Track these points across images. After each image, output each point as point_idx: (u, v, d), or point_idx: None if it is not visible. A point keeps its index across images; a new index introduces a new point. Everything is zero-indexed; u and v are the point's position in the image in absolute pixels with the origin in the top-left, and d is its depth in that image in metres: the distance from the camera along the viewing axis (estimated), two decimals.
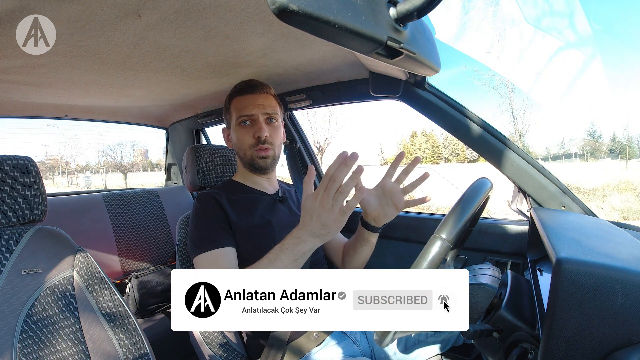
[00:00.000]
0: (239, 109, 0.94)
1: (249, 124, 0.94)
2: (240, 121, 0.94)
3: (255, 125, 0.93)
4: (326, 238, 0.68)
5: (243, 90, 0.96)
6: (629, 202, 7.97)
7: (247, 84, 0.97)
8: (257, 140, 0.93)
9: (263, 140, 0.92)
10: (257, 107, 0.93)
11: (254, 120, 0.94)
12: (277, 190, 1.03)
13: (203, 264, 0.82)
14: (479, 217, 0.83)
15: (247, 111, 0.93)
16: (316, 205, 0.64)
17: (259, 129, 0.92)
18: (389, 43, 0.38)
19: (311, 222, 0.66)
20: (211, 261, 0.82)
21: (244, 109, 0.93)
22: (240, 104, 0.95)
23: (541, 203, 0.97)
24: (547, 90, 14.03)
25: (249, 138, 0.93)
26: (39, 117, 1.64)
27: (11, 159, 0.76)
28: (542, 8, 9.02)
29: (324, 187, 0.64)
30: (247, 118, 0.93)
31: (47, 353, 0.68)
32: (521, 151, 0.97)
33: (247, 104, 0.94)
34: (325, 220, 0.64)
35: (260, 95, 0.95)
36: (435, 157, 26.35)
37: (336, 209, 0.64)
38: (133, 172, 21.95)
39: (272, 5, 0.29)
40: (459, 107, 1.00)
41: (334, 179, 0.63)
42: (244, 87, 0.96)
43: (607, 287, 0.43)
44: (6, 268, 0.71)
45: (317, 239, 0.68)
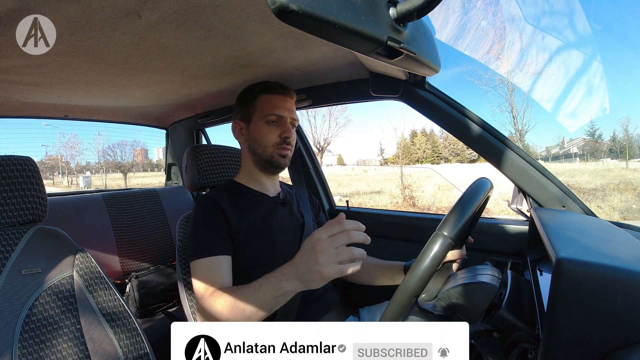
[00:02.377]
0: (268, 106, 0.95)
1: (276, 124, 0.95)
2: (268, 119, 0.95)
3: (283, 126, 0.95)
4: (308, 285, 0.62)
5: (274, 89, 0.97)
6: (629, 202, 7.97)
7: (278, 84, 0.99)
8: (282, 140, 0.95)
9: (289, 141, 0.95)
10: (287, 111, 0.96)
11: (282, 122, 0.96)
12: (278, 192, 1.04)
13: (198, 270, 0.84)
14: (479, 217, 0.83)
15: (278, 111, 0.95)
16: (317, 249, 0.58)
17: (287, 130, 0.95)
18: (389, 43, 0.38)
19: (300, 261, 0.62)
20: (206, 268, 0.83)
21: (275, 108, 0.95)
22: (271, 102, 0.96)
23: (541, 203, 0.96)
24: (547, 90, 14.04)
25: (275, 137, 0.94)
26: (39, 117, 1.64)
27: (11, 159, 0.76)
28: (542, 8, 9.02)
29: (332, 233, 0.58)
30: (277, 118, 0.95)
31: (47, 353, 0.68)
32: (521, 151, 0.97)
33: (278, 104, 0.96)
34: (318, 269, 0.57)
35: (289, 100, 0.98)
36: (435, 157, 26.35)
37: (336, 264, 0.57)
38: (133, 172, 21.95)
39: (272, 5, 0.29)
40: (459, 107, 1.00)
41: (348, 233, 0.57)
42: (275, 86, 0.98)
43: (607, 287, 0.43)
44: (6, 268, 0.71)
45: (299, 282, 0.63)
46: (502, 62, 12.07)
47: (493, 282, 0.68)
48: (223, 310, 0.73)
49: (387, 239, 1.35)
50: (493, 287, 0.67)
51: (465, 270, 0.76)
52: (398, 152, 15.33)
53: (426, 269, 0.59)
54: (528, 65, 12.46)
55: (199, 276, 0.83)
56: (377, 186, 12.61)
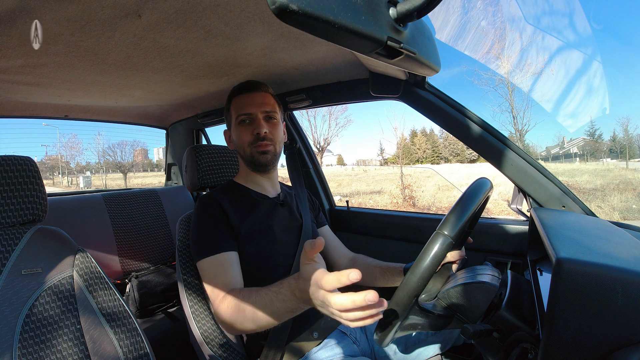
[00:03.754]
0: (238, 108, 0.96)
1: (248, 123, 0.95)
2: (239, 120, 0.95)
3: (254, 123, 0.94)
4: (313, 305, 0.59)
5: (241, 90, 0.97)
6: (629, 202, 7.97)
7: (246, 84, 0.98)
8: (255, 137, 0.93)
9: (262, 137, 0.93)
10: (256, 106, 0.95)
11: (253, 119, 0.95)
12: (278, 193, 1.04)
13: (207, 269, 0.83)
14: (479, 217, 0.83)
15: (246, 110, 0.94)
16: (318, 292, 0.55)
17: (257, 125, 0.94)
18: (389, 43, 0.38)
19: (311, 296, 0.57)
20: (215, 266, 0.82)
21: (243, 108, 0.95)
22: (239, 104, 0.96)
23: (541, 203, 0.96)
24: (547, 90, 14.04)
25: (248, 135, 0.94)
26: (39, 117, 1.64)
27: (11, 159, 0.76)
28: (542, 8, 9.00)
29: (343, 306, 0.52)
30: (246, 117, 0.94)
31: (47, 353, 0.68)
32: (521, 151, 0.97)
33: (245, 102, 0.95)
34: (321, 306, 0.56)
35: (258, 94, 0.96)
36: (435, 157, 26.36)
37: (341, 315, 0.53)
38: (133, 172, 21.94)
39: (272, 5, 0.29)
40: (459, 107, 1.00)
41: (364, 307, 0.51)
42: (242, 87, 0.98)
43: (607, 287, 0.43)
44: (6, 268, 0.71)
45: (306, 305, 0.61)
46: (502, 62, 12.06)
47: (493, 282, 0.68)
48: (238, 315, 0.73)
49: (387, 239, 1.35)
50: (493, 287, 0.67)
51: (465, 270, 0.76)
52: (398, 152, 15.33)
53: (427, 268, 0.59)
54: (528, 65, 12.47)
55: (209, 275, 0.82)
56: (377, 186, 12.61)
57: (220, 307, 0.77)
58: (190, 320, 0.90)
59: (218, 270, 0.82)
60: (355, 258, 1.11)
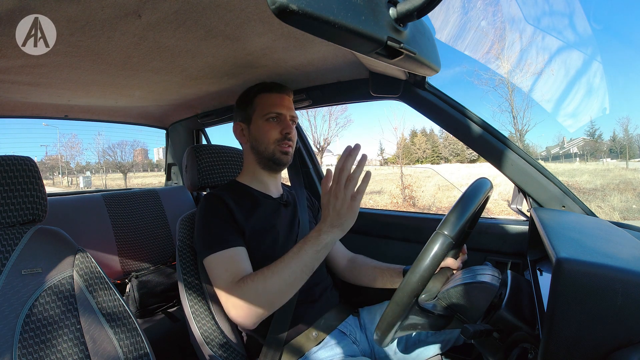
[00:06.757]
0: (267, 104, 0.96)
1: (275, 121, 0.96)
2: (268, 117, 0.96)
3: (283, 122, 0.97)
4: (344, 228, 0.72)
5: (272, 88, 0.99)
6: (629, 202, 7.96)
7: (275, 83, 1.01)
8: (283, 136, 0.95)
9: (290, 137, 0.96)
10: (286, 108, 0.98)
11: (282, 119, 0.97)
12: (281, 194, 1.04)
13: (216, 264, 0.82)
14: (479, 217, 0.83)
15: (276, 109, 0.96)
16: (331, 197, 0.71)
17: (287, 126, 0.96)
18: (389, 43, 0.38)
19: (329, 213, 0.71)
20: (225, 261, 0.82)
21: (274, 106, 0.96)
22: (269, 101, 0.97)
23: (541, 203, 0.96)
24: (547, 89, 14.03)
25: (276, 133, 0.95)
26: (39, 117, 1.64)
27: (11, 159, 0.76)
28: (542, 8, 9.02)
29: (335, 179, 0.70)
30: (275, 115, 0.96)
31: (47, 353, 0.68)
32: (521, 151, 0.97)
33: (276, 102, 0.97)
34: (340, 208, 0.70)
35: (287, 98, 0.99)
36: (435, 157, 26.34)
37: (348, 196, 0.70)
38: (133, 172, 21.94)
39: (272, 5, 0.29)
40: (459, 107, 1.00)
41: (342, 169, 0.69)
42: (272, 85, 0.99)
43: (607, 287, 0.43)
44: (6, 268, 0.71)
45: (336, 229, 0.72)
46: (502, 62, 12.04)
47: (493, 282, 0.68)
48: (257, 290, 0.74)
49: (387, 239, 1.35)
50: (493, 287, 0.67)
51: (465, 270, 0.76)
52: (398, 152, 15.32)
53: (427, 268, 0.59)
54: (528, 65, 12.44)
55: (219, 269, 0.81)
56: (377, 186, 12.59)
57: (232, 296, 0.76)
58: (191, 320, 0.90)
59: (229, 264, 0.81)
60: (354, 258, 1.11)
